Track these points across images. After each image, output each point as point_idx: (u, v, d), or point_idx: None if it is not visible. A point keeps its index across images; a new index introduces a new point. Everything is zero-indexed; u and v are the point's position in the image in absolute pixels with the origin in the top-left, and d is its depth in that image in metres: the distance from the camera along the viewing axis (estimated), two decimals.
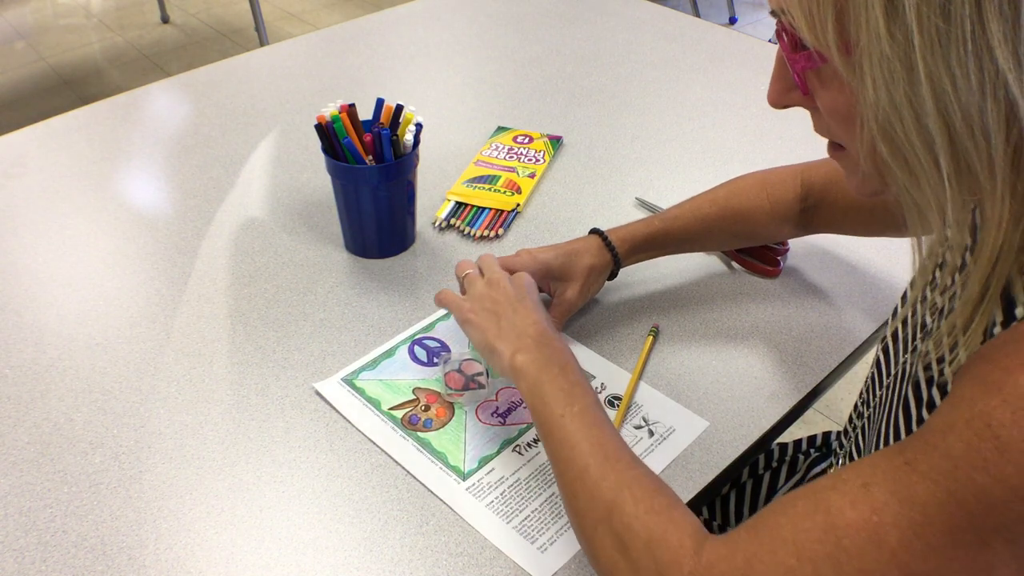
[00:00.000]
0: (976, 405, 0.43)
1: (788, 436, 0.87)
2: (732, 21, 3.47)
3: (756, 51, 1.41)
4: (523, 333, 0.70)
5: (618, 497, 0.56)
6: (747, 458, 0.76)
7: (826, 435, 0.92)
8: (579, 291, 0.83)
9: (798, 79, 0.52)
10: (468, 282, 0.77)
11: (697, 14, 3.31)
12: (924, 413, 0.53)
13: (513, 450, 0.75)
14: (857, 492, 0.46)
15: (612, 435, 0.62)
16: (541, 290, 0.84)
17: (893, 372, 0.62)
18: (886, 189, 0.51)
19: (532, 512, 0.69)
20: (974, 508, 0.42)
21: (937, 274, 0.58)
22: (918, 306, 0.61)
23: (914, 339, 0.60)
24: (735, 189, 0.88)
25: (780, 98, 0.56)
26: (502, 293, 0.74)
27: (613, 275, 0.87)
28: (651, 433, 0.76)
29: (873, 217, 0.83)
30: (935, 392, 0.52)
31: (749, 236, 0.91)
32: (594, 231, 0.86)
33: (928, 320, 0.58)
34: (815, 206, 0.86)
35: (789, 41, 0.51)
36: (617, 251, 0.85)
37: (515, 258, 0.83)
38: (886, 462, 0.46)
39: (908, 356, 0.60)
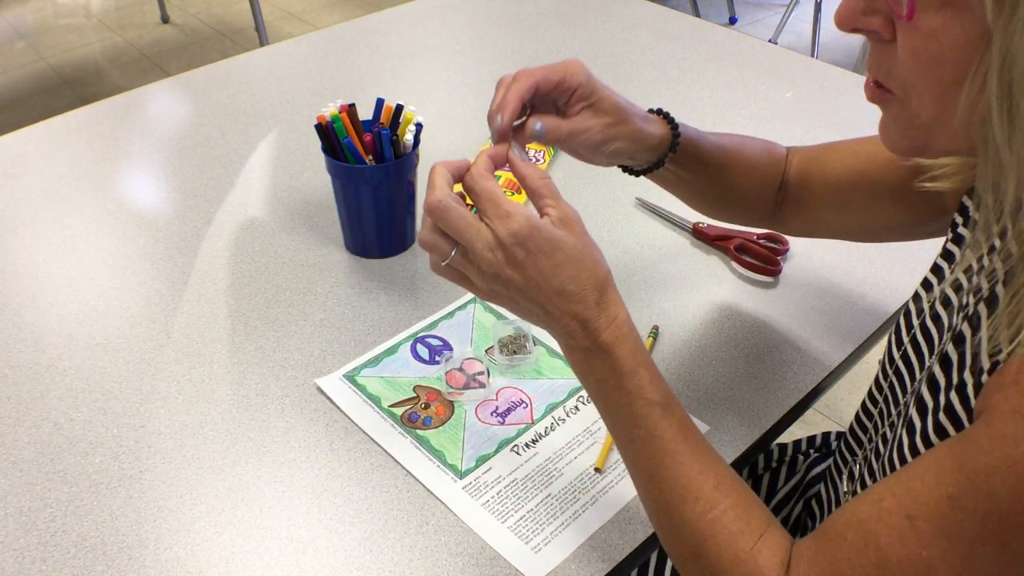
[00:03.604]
0: (1019, 447, 0.43)
1: (788, 436, 0.87)
2: (732, 21, 3.47)
3: (756, 51, 1.41)
4: (565, 331, 0.59)
5: (702, 547, 0.56)
6: (747, 458, 0.76)
7: (826, 435, 0.92)
8: (602, 126, 0.67)
9: (909, 1, 0.45)
10: (460, 265, 0.60)
11: (697, 14, 3.31)
12: (942, 417, 0.53)
13: (511, 450, 0.75)
14: (904, 525, 0.47)
15: (689, 458, 0.58)
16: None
17: (919, 377, 0.61)
18: (927, 148, 0.48)
19: (527, 512, 0.70)
20: (1017, 547, 0.43)
21: (961, 276, 0.57)
22: (938, 308, 0.60)
23: (940, 342, 0.59)
24: (744, 137, 0.83)
25: (854, 19, 0.49)
26: (512, 289, 0.58)
27: (658, 164, 0.74)
28: None
29: (852, 199, 0.78)
30: (953, 395, 0.52)
31: (745, 186, 0.81)
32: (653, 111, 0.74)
33: (954, 320, 0.57)
34: (795, 180, 0.81)
35: None
36: (685, 132, 0.74)
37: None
38: (928, 493, 0.47)
39: (932, 361, 0.59)
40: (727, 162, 0.79)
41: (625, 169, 0.77)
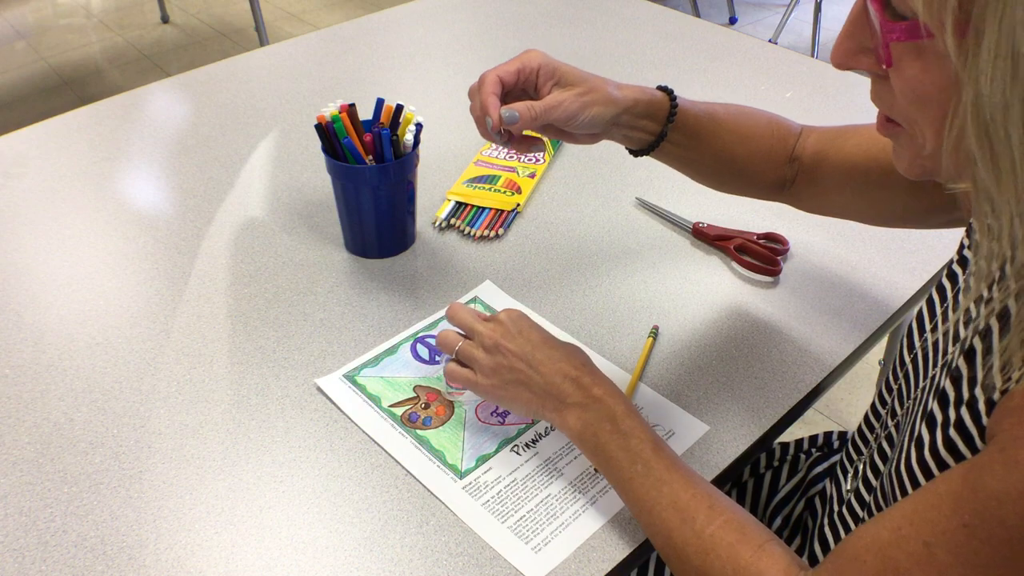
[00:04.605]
0: None
1: (788, 436, 0.87)
2: (732, 21, 3.47)
3: (756, 51, 1.41)
4: (558, 391, 0.69)
5: (704, 563, 0.59)
6: (748, 457, 0.76)
7: (828, 435, 0.92)
8: (574, 96, 0.73)
9: (884, 49, 0.47)
10: (465, 356, 0.74)
11: (697, 14, 3.31)
12: (952, 433, 0.53)
13: (511, 450, 0.75)
14: (921, 552, 0.48)
15: (683, 484, 0.63)
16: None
17: (922, 385, 0.61)
18: (938, 174, 0.49)
19: (528, 512, 0.70)
20: None
21: (984, 289, 0.56)
22: (949, 316, 0.60)
23: (945, 353, 0.59)
24: (744, 108, 0.83)
25: (847, 59, 0.51)
26: (510, 356, 0.71)
27: (659, 138, 0.77)
28: None
29: (866, 183, 0.78)
30: (964, 411, 0.52)
31: (743, 157, 0.82)
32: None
33: (962, 331, 0.57)
34: (811, 157, 0.82)
35: (882, 5, 0.46)
36: (678, 103, 0.76)
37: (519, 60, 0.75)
38: (945, 521, 0.47)
39: (936, 371, 0.59)
40: (720, 131, 0.80)
41: (632, 152, 0.80)
